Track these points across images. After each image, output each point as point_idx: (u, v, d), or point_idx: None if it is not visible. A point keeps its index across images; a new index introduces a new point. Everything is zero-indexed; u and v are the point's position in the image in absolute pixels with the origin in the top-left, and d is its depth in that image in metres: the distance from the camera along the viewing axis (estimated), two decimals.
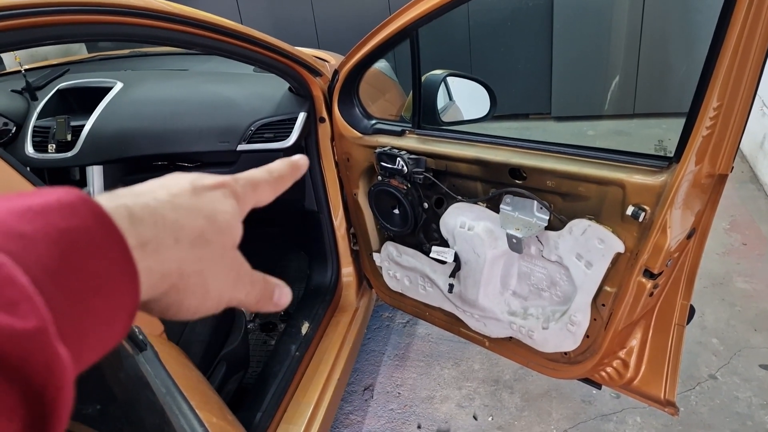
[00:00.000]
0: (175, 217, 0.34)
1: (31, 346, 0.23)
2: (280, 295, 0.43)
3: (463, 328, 1.71)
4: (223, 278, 0.37)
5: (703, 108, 1.01)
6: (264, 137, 1.74)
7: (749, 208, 3.20)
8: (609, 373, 1.46)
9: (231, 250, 0.38)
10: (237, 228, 0.38)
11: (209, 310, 0.37)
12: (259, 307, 0.41)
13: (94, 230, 0.28)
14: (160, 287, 0.33)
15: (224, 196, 0.38)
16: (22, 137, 1.84)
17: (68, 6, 0.99)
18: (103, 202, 0.30)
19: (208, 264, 0.36)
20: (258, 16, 5.15)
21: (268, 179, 0.43)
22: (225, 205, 0.38)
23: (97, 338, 0.28)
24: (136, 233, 0.31)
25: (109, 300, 0.28)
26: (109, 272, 0.28)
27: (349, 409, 2.13)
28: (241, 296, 0.39)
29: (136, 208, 0.32)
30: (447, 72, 1.85)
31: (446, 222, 1.55)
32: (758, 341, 2.23)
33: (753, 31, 0.92)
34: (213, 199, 0.37)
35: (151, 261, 0.32)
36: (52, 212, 0.27)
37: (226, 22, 1.33)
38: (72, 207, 0.28)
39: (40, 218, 0.26)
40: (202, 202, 0.36)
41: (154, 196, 0.34)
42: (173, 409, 0.71)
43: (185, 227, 0.34)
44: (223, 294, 0.37)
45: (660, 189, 1.12)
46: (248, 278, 0.40)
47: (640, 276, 1.22)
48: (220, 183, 0.39)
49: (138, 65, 2.45)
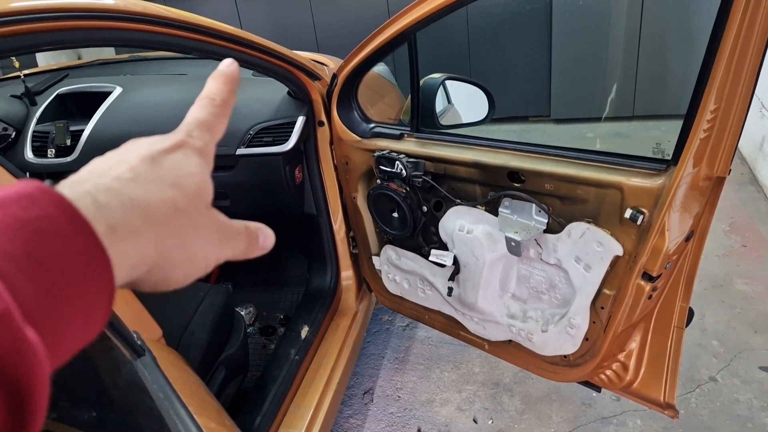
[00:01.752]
0: (141, 194, 0.32)
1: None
2: (265, 239, 0.42)
3: (463, 331, 1.71)
4: (205, 243, 0.36)
5: (701, 110, 1.01)
6: (263, 141, 1.74)
7: (749, 210, 3.20)
8: (608, 375, 1.46)
9: (206, 212, 0.36)
10: (207, 186, 0.37)
11: (199, 275, 0.37)
12: (247, 256, 0.40)
13: (58, 218, 0.27)
14: (140, 268, 0.32)
15: (185, 156, 0.36)
16: (21, 142, 1.84)
17: (67, 12, 0.99)
18: (65, 191, 0.29)
19: (187, 234, 0.34)
20: (257, 20, 5.16)
21: (216, 111, 0.41)
22: (189, 165, 0.36)
23: (74, 327, 0.28)
24: (104, 219, 0.30)
25: (82, 288, 0.28)
26: (78, 260, 0.27)
27: (349, 413, 2.13)
28: (228, 253, 0.38)
29: (100, 194, 0.31)
30: (445, 75, 1.85)
31: (445, 225, 1.55)
32: (758, 343, 2.23)
33: (749, 33, 0.92)
34: (175, 163, 0.35)
35: (124, 246, 0.30)
36: (10, 203, 0.26)
37: (224, 26, 1.33)
38: (31, 197, 0.27)
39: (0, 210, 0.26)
40: (165, 171, 0.34)
41: (116, 174, 0.32)
42: (171, 415, 0.71)
43: (153, 203, 0.33)
44: (209, 257, 0.36)
45: (658, 192, 1.12)
46: (231, 234, 0.39)
47: (638, 279, 1.22)
48: (177, 143, 0.37)
49: (137, 70, 2.45)
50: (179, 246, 0.34)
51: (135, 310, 1.01)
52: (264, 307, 2.24)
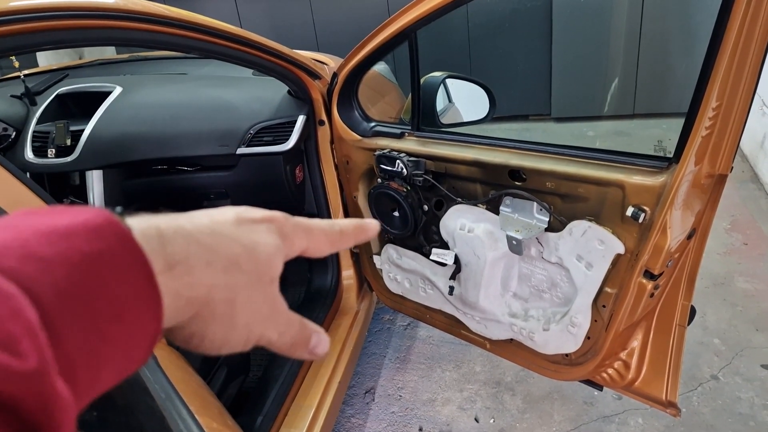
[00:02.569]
0: (211, 241, 0.33)
1: (28, 387, 0.22)
2: (318, 343, 0.40)
3: (464, 331, 1.71)
4: (254, 312, 0.35)
5: (702, 108, 1.01)
6: (263, 140, 1.74)
7: (750, 207, 3.20)
8: (610, 374, 1.46)
9: (268, 285, 0.36)
10: (277, 263, 0.37)
11: (236, 345, 0.35)
12: (292, 352, 0.39)
13: (118, 254, 0.27)
14: (185, 313, 0.32)
15: (268, 231, 0.37)
16: (21, 142, 1.84)
17: (67, 11, 0.99)
18: (135, 223, 0.30)
19: (240, 293, 0.34)
20: (257, 19, 5.16)
21: (327, 230, 0.41)
22: (267, 238, 0.36)
23: (113, 365, 0.28)
24: (165, 254, 0.30)
25: (128, 327, 0.27)
26: (130, 298, 0.27)
27: (350, 413, 2.12)
28: (273, 335, 0.37)
29: (169, 230, 0.31)
30: (446, 74, 1.85)
31: (446, 224, 1.55)
32: (760, 341, 2.22)
33: (751, 30, 0.91)
34: (256, 231, 0.36)
35: (178, 284, 0.30)
36: (77, 235, 0.26)
37: (224, 25, 1.33)
38: (98, 230, 0.27)
39: (63, 241, 0.26)
40: (243, 232, 0.35)
41: (193, 220, 0.33)
42: (173, 415, 0.71)
43: (219, 252, 0.33)
44: (253, 329, 0.35)
45: (660, 189, 1.11)
46: (284, 318, 0.38)
47: (640, 277, 1.22)
48: (268, 218, 0.37)
49: (137, 69, 2.45)
50: (228, 302, 0.33)
51: None
52: None
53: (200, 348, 0.34)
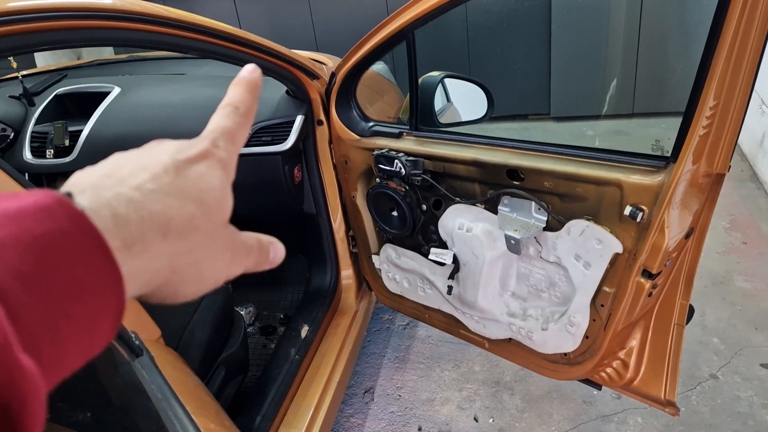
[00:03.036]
0: (160, 208, 0.32)
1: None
2: (275, 253, 0.41)
3: (463, 330, 1.71)
4: (217, 260, 0.36)
5: (700, 107, 1.01)
6: (262, 140, 1.74)
7: (749, 206, 3.20)
8: (609, 373, 1.46)
9: (223, 229, 0.36)
10: (227, 202, 0.36)
11: (208, 290, 0.36)
12: (256, 269, 0.40)
13: (72, 234, 0.27)
14: (152, 283, 0.32)
15: (209, 168, 0.35)
16: (20, 143, 1.84)
17: (65, 11, 0.99)
18: (85, 202, 0.29)
19: (200, 251, 0.34)
20: (256, 19, 5.15)
21: (240, 120, 0.40)
22: (212, 179, 0.35)
23: (78, 343, 0.27)
24: (121, 234, 0.29)
25: (89, 305, 0.27)
26: (89, 277, 0.27)
27: (349, 412, 2.13)
28: (237, 270, 0.38)
29: (120, 206, 0.30)
30: (444, 73, 1.85)
31: (445, 224, 1.55)
32: (759, 340, 2.22)
33: (748, 29, 0.91)
34: (199, 175, 0.34)
35: (138, 260, 0.30)
36: (26, 216, 0.26)
37: (222, 25, 1.33)
38: (49, 210, 0.27)
39: (13, 223, 0.25)
40: (188, 183, 0.34)
41: (138, 183, 0.32)
42: (169, 416, 0.70)
43: (173, 218, 0.32)
44: (220, 274, 0.36)
45: (657, 189, 1.11)
46: (243, 250, 0.38)
47: (638, 276, 1.22)
48: (203, 152, 0.36)
49: (135, 70, 2.45)
50: (192, 263, 0.34)
51: (133, 310, 1.01)
52: (264, 306, 2.24)
53: (176, 302, 0.35)
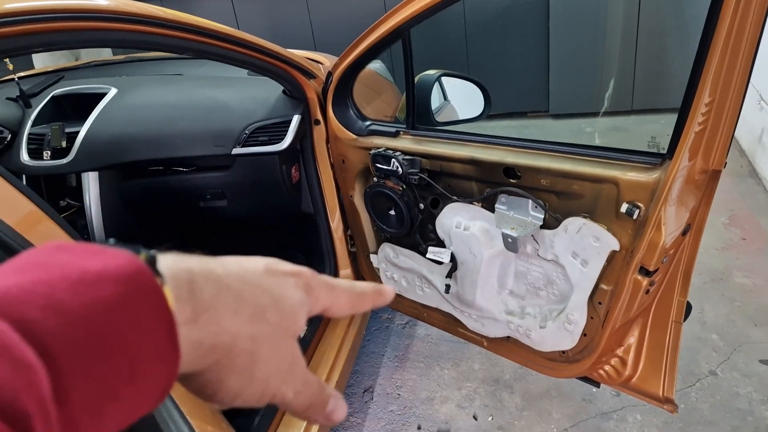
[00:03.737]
0: (240, 288, 0.33)
1: None
2: (335, 408, 0.38)
3: (462, 329, 1.71)
4: (274, 365, 0.34)
5: (695, 104, 1.01)
6: (259, 140, 1.74)
7: (748, 202, 3.20)
8: (607, 371, 1.46)
9: (290, 338, 0.36)
10: (301, 318, 0.37)
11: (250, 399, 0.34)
12: (307, 415, 0.38)
13: (144, 309, 0.27)
14: (204, 361, 0.31)
15: (296, 285, 0.37)
16: (17, 145, 1.84)
17: (62, 13, 0.99)
18: (167, 267, 0.29)
19: (262, 345, 0.33)
20: (254, 19, 5.15)
21: (348, 290, 0.41)
22: (294, 292, 0.36)
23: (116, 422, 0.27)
24: (194, 302, 0.30)
25: (140, 385, 0.27)
26: (148, 355, 0.27)
27: (349, 411, 2.13)
28: (289, 393, 0.36)
29: (200, 274, 0.31)
30: (441, 72, 1.85)
31: (442, 222, 1.55)
32: (758, 336, 2.22)
33: (743, 25, 0.91)
34: (283, 284, 0.36)
35: (202, 333, 0.30)
36: (105, 285, 0.26)
37: (218, 26, 1.33)
38: (127, 282, 0.27)
39: (90, 290, 0.26)
40: (271, 282, 0.35)
41: (224, 265, 0.33)
42: (164, 417, 0.70)
43: (247, 300, 0.33)
44: (270, 384, 0.35)
45: (654, 186, 1.11)
46: (301, 376, 0.37)
47: (636, 273, 1.22)
48: (296, 272, 0.37)
49: (132, 71, 2.45)
50: (250, 353, 0.33)
51: None
52: None
53: (213, 398, 0.33)
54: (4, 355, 0.22)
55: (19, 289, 0.25)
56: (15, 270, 0.26)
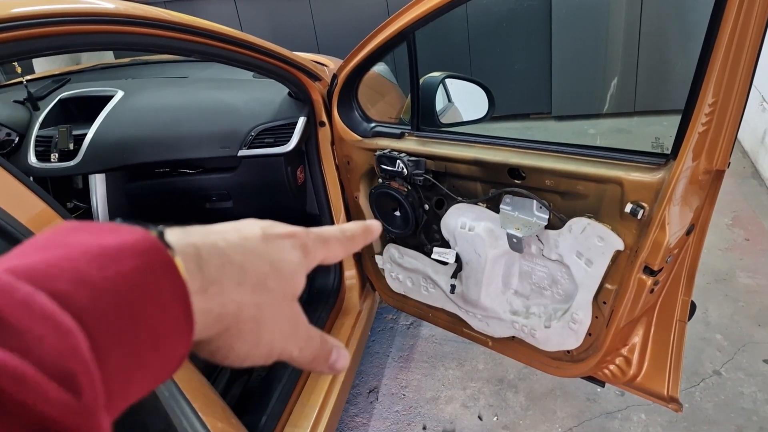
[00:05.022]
0: (242, 260, 0.34)
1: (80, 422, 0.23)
2: (338, 357, 0.41)
3: (466, 329, 1.72)
4: (278, 328, 0.36)
5: (699, 104, 1.02)
6: (265, 142, 1.75)
7: (751, 203, 3.20)
8: (612, 370, 1.47)
9: (290, 301, 0.38)
10: (300, 279, 0.38)
11: (258, 360, 0.37)
12: (312, 367, 0.40)
13: (162, 282, 0.28)
14: (213, 329, 0.33)
15: (292, 247, 0.38)
16: (24, 147, 1.85)
17: (69, 17, 1.00)
18: (173, 239, 0.31)
19: (266, 311, 0.35)
20: (258, 21, 5.17)
21: (340, 237, 0.43)
22: (292, 255, 0.38)
23: (140, 388, 0.29)
24: (202, 275, 0.31)
25: (163, 353, 0.29)
26: (168, 326, 0.29)
27: (354, 412, 2.13)
28: (293, 351, 0.38)
29: (204, 249, 0.32)
30: (445, 74, 1.86)
31: (447, 223, 1.56)
32: (762, 336, 2.23)
33: (746, 26, 0.92)
34: (281, 248, 0.37)
35: (211, 303, 0.32)
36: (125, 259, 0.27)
37: (224, 29, 1.34)
38: (144, 255, 0.28)
39: (112, 265, 0.27)
40: (269, 249, 0.37)
41: (225, 237, 0.35)
42: (177, 414, 0.72)
43: (249, 271, 0.34)
44: (275, 344, 0.37)
45: (658, 186, 1.12)
46: (304, 333, 0.39)
47: (640, 273, 1.23)
48: (291, 233, 0.39)
49: (138, 73, 2.46)
50: (255, 320, 0.35)
51: None
52: None
53: (225, 361, 0.35)
54: (49, 322, 0.24)
55: (47, 265, 0.26)
56: (37, 248, 0.27)
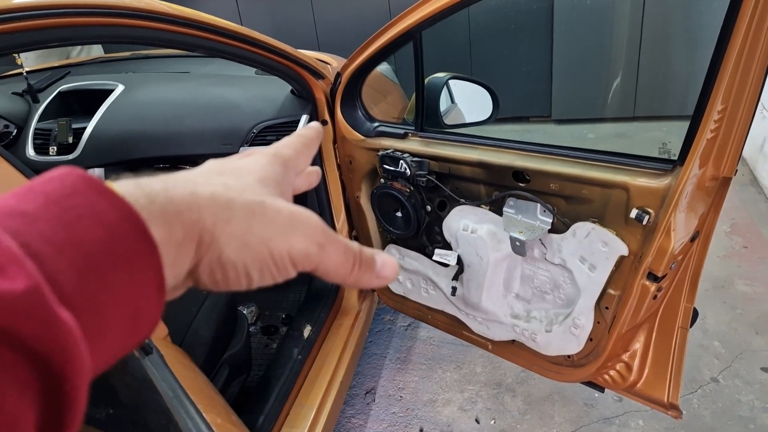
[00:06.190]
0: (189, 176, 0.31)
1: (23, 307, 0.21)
2: (384, 264, 0.35)
3: (466, 332, 1.71)
4: (264, 223, 0.31)
5: (708, 111, 1.01)
6: (266, 140, 1.74)
7: (750, 211, 3.21)
8: (612, 376, 1.46)
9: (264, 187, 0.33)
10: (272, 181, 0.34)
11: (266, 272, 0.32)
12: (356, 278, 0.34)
13: (98, 203, 0.26)
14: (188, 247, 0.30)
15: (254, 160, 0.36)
16: (23, 139, 1.84)
17: (70, 8, 0.99)
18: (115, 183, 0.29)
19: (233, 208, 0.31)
20: (258, 17, 5.15)
21: (300, 140, 0.40)
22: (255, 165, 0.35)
23: (122, 316, 0.27)
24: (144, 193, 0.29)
25: (126, 273, 0.26)
26: (120, 240, 0.26)
27: (351, 413, 2.12)
28: (310, 247, 0.32)
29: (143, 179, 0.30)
30: (450, 75, 1.85)
31: (449, 225, 1.55)
32: (760, 344, 2.23)
33: (758, 34, 0.92)
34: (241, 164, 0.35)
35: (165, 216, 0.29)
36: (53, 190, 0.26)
37: (227, 24, 1.33)
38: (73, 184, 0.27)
39: (41, 197, 0.26)
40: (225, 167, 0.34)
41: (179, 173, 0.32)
42: (180, 411, 0.70)
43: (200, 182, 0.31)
44: (273, 243, 0.31)
45: (664, 192, 1.11)
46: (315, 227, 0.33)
47: (644, 279, 1.22)
48: (248, 153, 0.37)
49: (139, 67, 2.45)
50: (226, 220, 0.31)
51: None
52: (266, 306, 2.24)
53: (230, 284, 0.31)
54: None
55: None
56: None
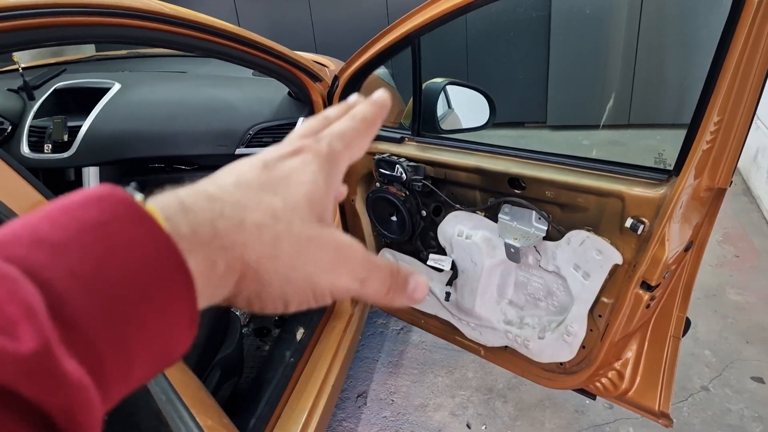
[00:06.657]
0: (237, 197, 0.29)
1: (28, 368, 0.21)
2: (416, 286, 0.35)
3: (459, 337, 1.71)
4: (309, 260, 0.31)
5: (704, 122, 1.02)
6: (263, 141, 1.74)
7: (742, 220, 3.23)
8: (604, 384, 1.46)
9: (315, 225, 0.32)
10: (319, 196, 0.32)
11: (303, 301, 0.32)
12: (389, 300, 0.35)
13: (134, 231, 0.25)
14: (229, 279, 0.29)
15: (303, 163, 0.33)
16: (17, 137, 1.82)
17: (67, 7, 0.98)
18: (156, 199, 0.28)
19: (282, 245, 0.30)
20: (256, 18, 5.15)
21: (358, 126, 0.37)
22: (304, 173, 0.32)
23: (150, 353, 0.26)
24: (188, 219, 0.27)
25: (157, 307, 0.25)
26: (153, 274, 0.25)
27: (342, 416, 2.12)
28: (350, 283, 0.33)
29: (190, 197, 0.28)
30: (447, 80, 1.85)
31: (444, 230, 1.55)
32: (750, 353, 2.24)
33: (756, 45, 0.92)
34: (288, 169, 0.32)
35: (209, 250, 0.28)
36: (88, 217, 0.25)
37: (225, 24, 1.33)
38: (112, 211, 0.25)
39: (74, 224, 0.24)
40: (273, 177, 0.31)
41: (216, 181, 0.30)
42: (171, 414, 0.70)
43: (248, 206, 0.30)
44: (316, 280, 0.31)
45: (659, 202, 1.12)
46: (362, 262, 0.33)
47: (637, 288, 1.22)
48: (297, 149, 0.33)
49: (136, 67, 2.44)
50: (271, 257, 0.30)
51: None
52: None
53: (266, 310, 0.31)
54: None
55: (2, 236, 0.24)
56: None
